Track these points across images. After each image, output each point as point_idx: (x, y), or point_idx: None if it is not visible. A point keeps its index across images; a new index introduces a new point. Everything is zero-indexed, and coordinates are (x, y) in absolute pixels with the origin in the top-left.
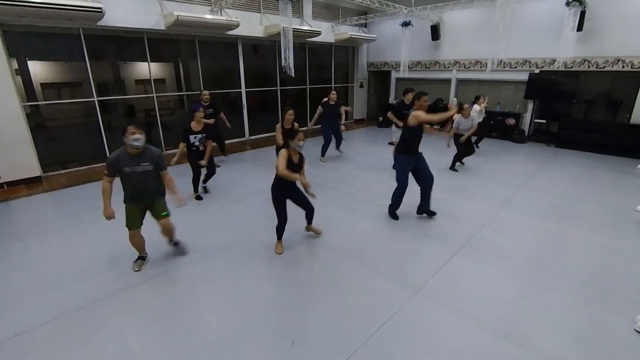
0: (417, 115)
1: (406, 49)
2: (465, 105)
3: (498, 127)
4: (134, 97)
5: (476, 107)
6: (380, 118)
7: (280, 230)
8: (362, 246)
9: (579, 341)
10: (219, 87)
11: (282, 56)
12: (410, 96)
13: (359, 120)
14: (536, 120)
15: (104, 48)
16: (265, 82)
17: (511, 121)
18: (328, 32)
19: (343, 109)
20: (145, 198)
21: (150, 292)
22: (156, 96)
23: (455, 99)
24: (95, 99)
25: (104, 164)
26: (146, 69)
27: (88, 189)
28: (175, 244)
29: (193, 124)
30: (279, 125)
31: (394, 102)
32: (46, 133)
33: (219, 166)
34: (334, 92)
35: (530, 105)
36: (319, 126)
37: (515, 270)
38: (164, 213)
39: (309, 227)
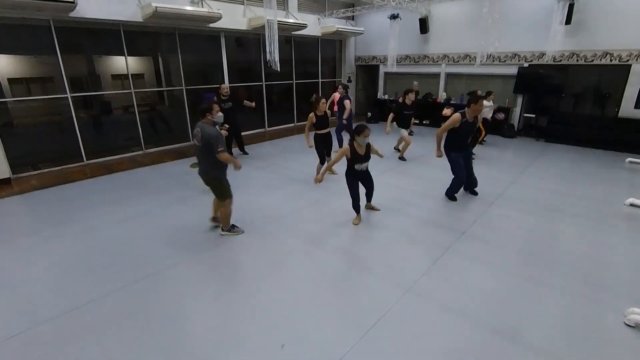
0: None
1: (394, 42)
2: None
3: (488, 122)
4: (111, 92)
5: (486, 102)
6: (369, 113)
7: (356, 206)
8: (352, 244)
9: (570, 335)
10: (202, 83)
11: (267, 50)
12: (412, 96)
13: None
14: (525, 115)
15: (77, 41)
16: (250, 77)
17: (501, 116)
18: (314, 25)
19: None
20: (201, 174)
21: (128, 299)
22: (134, 92)
23: (445, 93)
24: (69, 95)
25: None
26: (123, 64)
27: (62, 191)
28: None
29: None
30: (312, 115)
31: (384, 97)
32: (15, 132)
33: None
34: (340, 88)
35: (519, 100)
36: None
37: (506, 266)
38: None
39: (369, 205)
